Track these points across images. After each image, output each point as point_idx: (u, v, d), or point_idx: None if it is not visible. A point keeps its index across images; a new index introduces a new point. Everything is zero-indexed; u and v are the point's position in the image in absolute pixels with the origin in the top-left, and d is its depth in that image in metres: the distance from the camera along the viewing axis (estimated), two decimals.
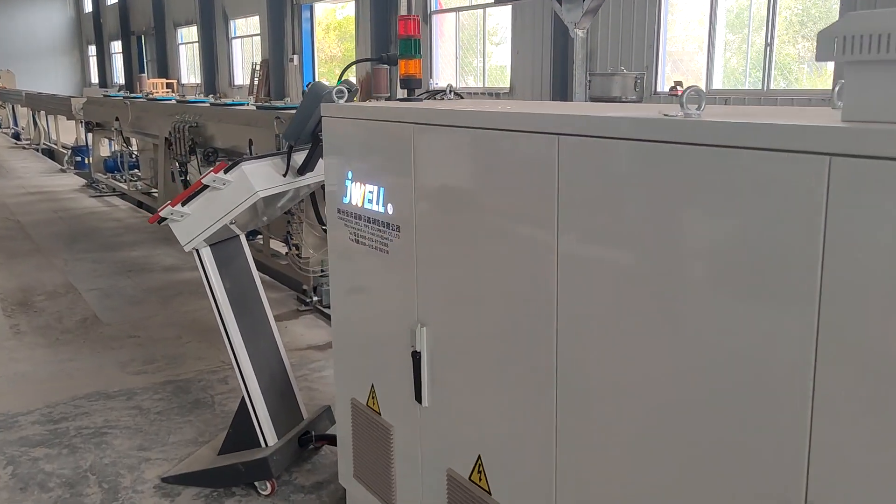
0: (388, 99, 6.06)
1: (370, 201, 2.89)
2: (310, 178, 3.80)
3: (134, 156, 12.50)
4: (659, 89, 14.71)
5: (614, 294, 1.94)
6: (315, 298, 6.66)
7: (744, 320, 1.63)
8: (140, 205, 12.38)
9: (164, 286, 7.49)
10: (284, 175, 3.60)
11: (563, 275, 2.08)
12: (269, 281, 7.56)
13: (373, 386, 3.06)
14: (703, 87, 14.00)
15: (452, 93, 3.32)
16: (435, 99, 3.25)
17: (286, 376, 4.04)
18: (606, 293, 1.97)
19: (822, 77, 13.17)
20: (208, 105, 9.01)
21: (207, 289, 3.77)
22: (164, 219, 3.49)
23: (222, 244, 3.75)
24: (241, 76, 31.09)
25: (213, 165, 8.64)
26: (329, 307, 6.87)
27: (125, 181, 12.39)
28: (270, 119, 6.96)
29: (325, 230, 6.57)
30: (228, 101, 8.85)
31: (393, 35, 21.84)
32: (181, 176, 9.55)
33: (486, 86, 19.14)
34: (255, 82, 27.73)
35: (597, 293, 1.99)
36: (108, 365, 5.44)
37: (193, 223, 3.45)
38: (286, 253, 6.67)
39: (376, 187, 2.84)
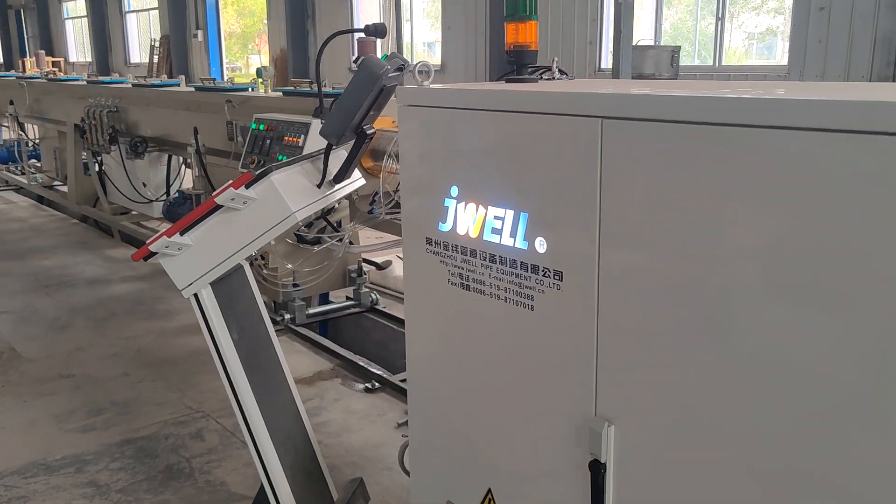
0: None
1: (497, 232, 1.96)
2: (346, 188, 2.84)
3: (33, 144, 10.93)
4: (604, 66, 14.09)
5: None
6: (287, 316, 5.62)
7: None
8: (41, 200, 10.85)
9: (92, 305, 6.27)
10: (319, 185, 2.63)
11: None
12: None
13: (490, 493, 2.15)
14: None
15: (559, 70, 2.41)
16: (544, 79, 2.35)
17: (311, 448, 3.07)
18: None
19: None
20: (129, 86, 7.73)
21: (209, 341, 2.75)
22: (153, 253, 2.45)
23: (224, 279, 2.73)
24: (139, 54, 28.87)
25: (142, 156, 7.43)
26: (305, 326, 6.00)
27: (23, 174, 10.83)
28: (219, 103, 5.84)
29: (298, 235, 5.55)
30: (155, 81, 7.59)
31: (310, 9, 20.48)
32: (97, 168, 8.25)
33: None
34: (155, 60, 25.71)
35: None
36: (41, 420, 4.29)
37: (198, 258, 2.43)
38: (251, 263, 5.58)
39: (512, 212, 1.91)
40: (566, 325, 1.83)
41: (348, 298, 6.21)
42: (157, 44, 25.86)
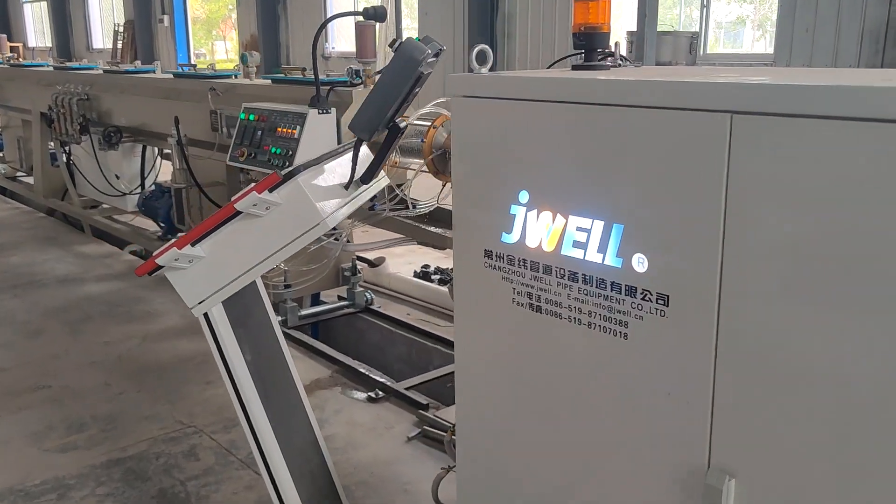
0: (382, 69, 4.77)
1: (580, 246, 1.67)
2: (372, 188, 2.53)
3: None
4: None
5: None
6: (279, 319, 5.27)
7: None
8: (3, 192, 10.32)
9: (65, 306, 5.87)
10: (347, 187, 2.31)
11: None
12: None
13: None
14: (626, 52, 13.26)
15: (622, 57, 2.12)
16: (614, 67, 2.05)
17: (328, 475, 2.77)
18: None
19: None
20: (100, 72, 7.30)
21: (220, 363, 2.44)
22: (160, 267, 2.12)
23: (235, 294, 2.41)
24: (102, 39, 28.00)
25: (116, 147, 6.99)
26: (297, 329, 5.65)
27: None
28: (201, 90, 5.47)
29: None
30: (129, 67, 7.16)
31: None
32: (65, 159, 7.79)
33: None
34: (119, 46, 24.93)
35: None
36: (16, 438, 3.92)
37: (211, 272, 2.11)
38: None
39: (602, 223, 1.62)
40: (672, 358, 1.55)
41: (340, 298, 5.90)
42: (122, 29, 25.08)
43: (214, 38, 29.64)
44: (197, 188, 5.60)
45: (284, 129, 4.45)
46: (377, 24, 4.62)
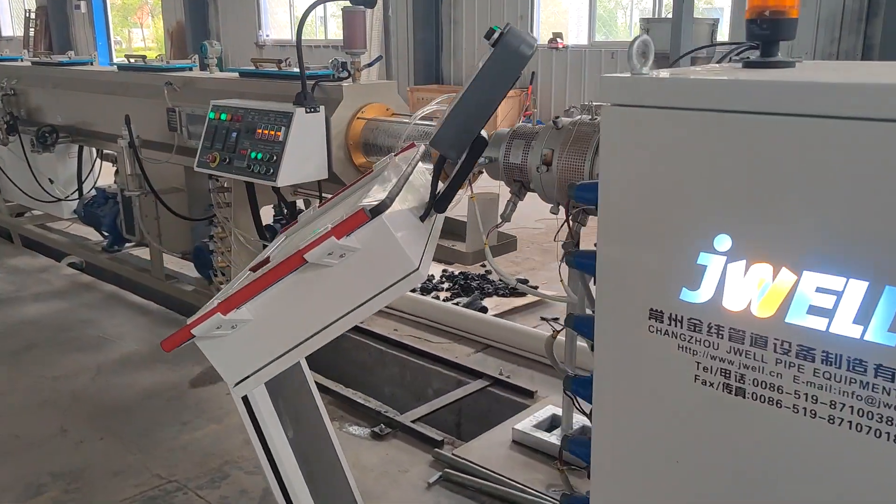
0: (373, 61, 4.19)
1: (822, 313, 1.22)
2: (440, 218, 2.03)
3: None
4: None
5: None
6: None
7: None
8: None
9: (1, 332, 5.15)
10: (423, 218, 1.81)
11: None
12: (163, 314, 5.46)
13: None
14: (585, 39, 13.00)
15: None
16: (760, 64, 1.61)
17: None
18: None
19: None
20: (28, 64, 6.51)
21: (257, 442, 1.90)
22: (190, 338, 1.58)
23: None
24: (12, 26, 26.26)
25: (51, 149, 6.22)
26: None
27: None
28: (154, 85, 4.83)
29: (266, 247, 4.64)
30: (63, 58, 6.39)
31: None
32: None
33: (329, 38, 17.02)
34: (32, 34, 23.37)
35: None
36: None
37: (260, 341, 1.59)
38: (210, 282, 4.64)
39: (865, 284, 1.18)
40: None
41: None
42: (34, 15, 23.51)
43: (131, 24, 28.29)
44: (153, 195, 4.96)
45: (266, 131, 3.89)
46: (366, 11, 4.09)
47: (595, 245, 1.70)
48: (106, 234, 6.14)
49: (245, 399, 1.67)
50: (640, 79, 1.37)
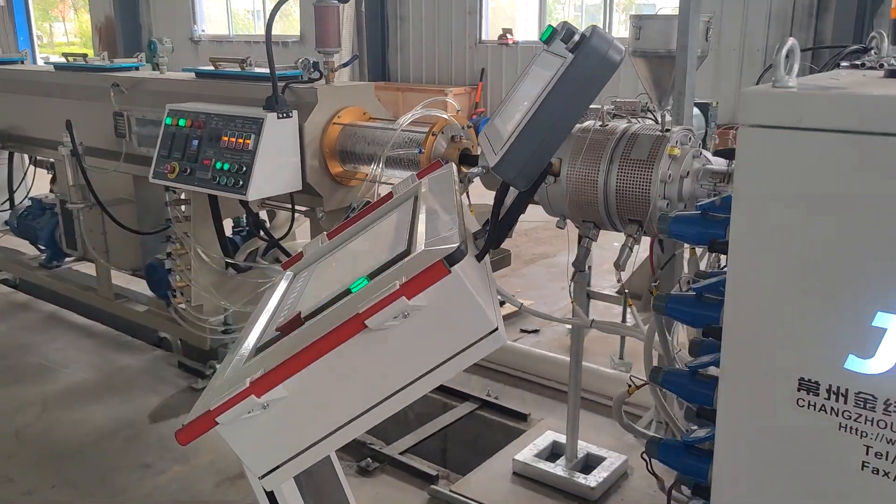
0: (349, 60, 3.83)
1: None
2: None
3: None
4: (484, 37, 13.22)
5: None
6: (218, 367, 4.31)
7: None
8: None
9: None
10: (480, 258, 1.49)
11: None
12: (111, 337, 5.00)
13: None
14: (535, 35, 12.79)
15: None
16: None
17: None
18: None
19: None
20: None
21: None
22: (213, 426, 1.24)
23: None
24: None
25: None
26: None
27: None
28: (98, 87, 4.39)
29: (231, 264, 4.24)
30: None
31: None
32: None
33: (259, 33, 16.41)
34: None
35: None
36: None
37: (296, 423, 1.25)
38: (168, 304, 4.22)
39: None
40: None
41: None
42: None
43: (52, 19, 27.07)
44: (99, 208, 4.51)
45: (233, 139, 3.51)
46: (340, 6, 3.73)
47: (681, 285, 1.43)
48: (43, 248, 5.62)
49: (271, 494, 1.33)
50: (799, 95, 1.09)
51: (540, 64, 1.53)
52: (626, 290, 4.71)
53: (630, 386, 1.57)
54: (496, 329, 1.22)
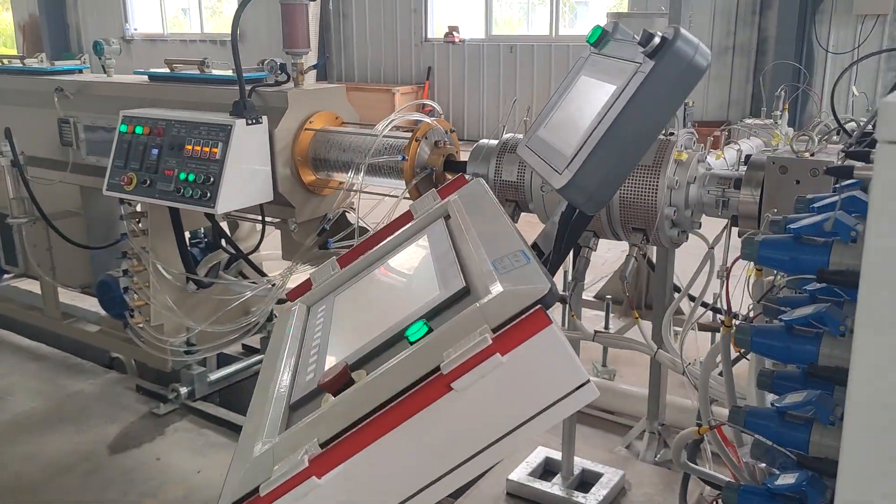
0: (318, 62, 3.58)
1: None
2: None
3: None
4: (430, 35, 13.03)
5: None
6: (183, 391, 4.04)
7: None
8: None
9: None
10: None
11: None
12: (59, 359, 4.66)
13: None
14: (482, 33, 12.68)
15: None
16: None
17: None
18: None
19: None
20: None
21: None
22: None
23: None
24: None
25: None
26: (210, 400, 4.31)
27: None
28: (41, 91, 4.07)
29: (191, 279, 3.96)
30: None
31: None
32: None
33: (206, 31, 15.89)
34: None
35: None
36: None
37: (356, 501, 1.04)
38: (125, 324, 3.92)
39: None
40: None
41: (247, 349, 4.72)
42: None
43: None
44: (44, 222, 4.18)
45: (198, 147, 3.26)
46: (308, 4, 3.50)
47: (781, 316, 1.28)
48: None
49: None
50: None
51: (594, 70, 1.37)
52: (609, 297, 4.63)
53: (700, 426, 1.41)
54: (587, 381, 1.04)
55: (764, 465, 1.49)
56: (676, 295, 3.04)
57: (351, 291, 1.54)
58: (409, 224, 1.66)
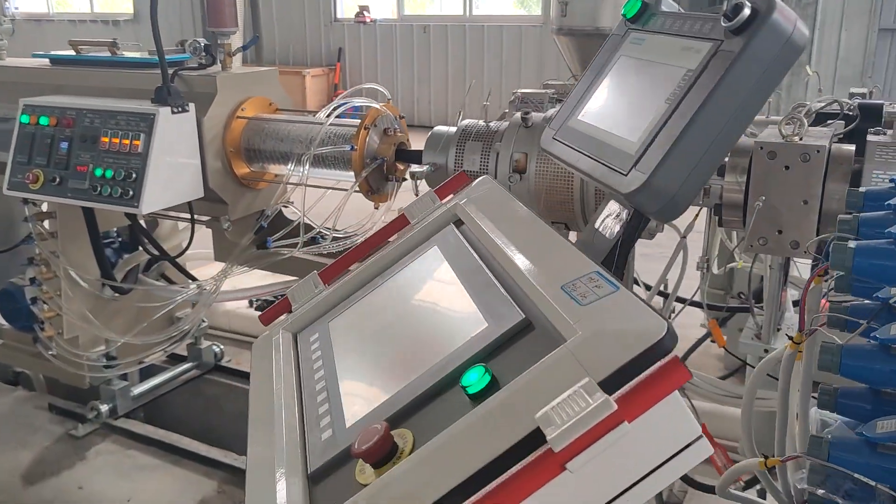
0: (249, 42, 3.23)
1: None
2: None
3: None
4: (340, 15, 12.59)
5: None
6: (104, 408, 3.65)
7: None
8: None
9: None
10: None
11: None
12: None
13: None
14: (393, 12, 12.35)
15: None
16: None
17: None
18: None
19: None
20: None
21: None
22: None
23: None
24: None
25: None
26: (135, 417, 3.86)
27: None
28: None
29: (108, 284, 3.56)
30: None
31: None
32: None
33: (96, 11, 14.91)
34: None
35: None
36: None
37: None
38: (37, 339, 3.50)
39: None
40: None
41: (170, 358, 4.34)
42: None
43: None
44: None
45: (116, 140, 2.89)
46: None
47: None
48: None
49: None
50: None
51: (640, 49, 1.15)
52: None
53: (765, 458, 1.23)
54: (700, 436, 0.84)
55: (822, 491, 1.34)
56: (645, 291, 2.90)
57: (351, 317, 1.29)
58: (410, 231, 1.41)
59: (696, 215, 2.80)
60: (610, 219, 1.15)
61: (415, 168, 2.72)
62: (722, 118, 0.97)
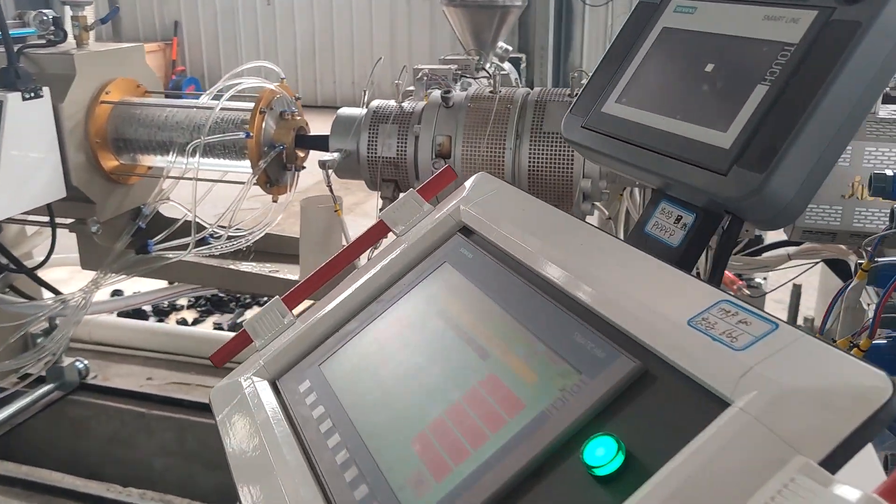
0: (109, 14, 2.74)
1: None
2: None
3: None
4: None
5: None
6: None
7: None
8: None
9: None
10: None
11: None
12: None
13: None
14: None
15: None
16: None
17: None
18: None
19: None
20: None
21: None
22: None
23: None
24: None
25: None
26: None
27: None
28: None
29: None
30: None
31: None
32: None
33: None
34: None
35: None
36: None
37: None
38: None
39: None
40: None
41: (23, 379, 3.80)
42: None
43: None
44: None
45: None
46: None
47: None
48: None
49: None
50: None
51: (695, 19, 0.95)
52: None
53: None
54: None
55: None
56: None
57: (351, 359, 1.02)
58: (400, 246, 1.16)
59: (623, 191, 2.71)
60: (667, 222, 0.96)
61: (324, 156, 2.43)
62: (846, 105, 0.80)
